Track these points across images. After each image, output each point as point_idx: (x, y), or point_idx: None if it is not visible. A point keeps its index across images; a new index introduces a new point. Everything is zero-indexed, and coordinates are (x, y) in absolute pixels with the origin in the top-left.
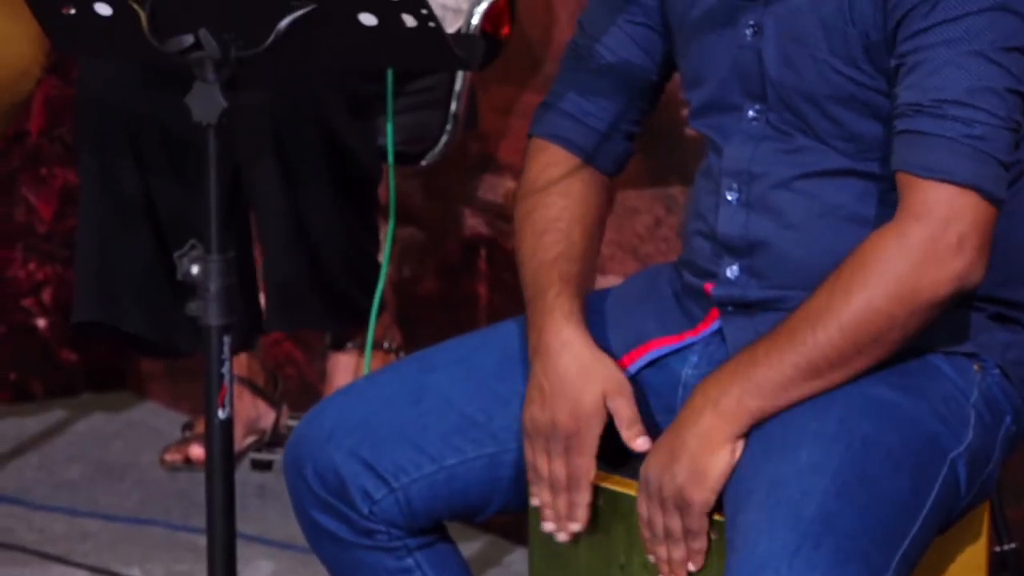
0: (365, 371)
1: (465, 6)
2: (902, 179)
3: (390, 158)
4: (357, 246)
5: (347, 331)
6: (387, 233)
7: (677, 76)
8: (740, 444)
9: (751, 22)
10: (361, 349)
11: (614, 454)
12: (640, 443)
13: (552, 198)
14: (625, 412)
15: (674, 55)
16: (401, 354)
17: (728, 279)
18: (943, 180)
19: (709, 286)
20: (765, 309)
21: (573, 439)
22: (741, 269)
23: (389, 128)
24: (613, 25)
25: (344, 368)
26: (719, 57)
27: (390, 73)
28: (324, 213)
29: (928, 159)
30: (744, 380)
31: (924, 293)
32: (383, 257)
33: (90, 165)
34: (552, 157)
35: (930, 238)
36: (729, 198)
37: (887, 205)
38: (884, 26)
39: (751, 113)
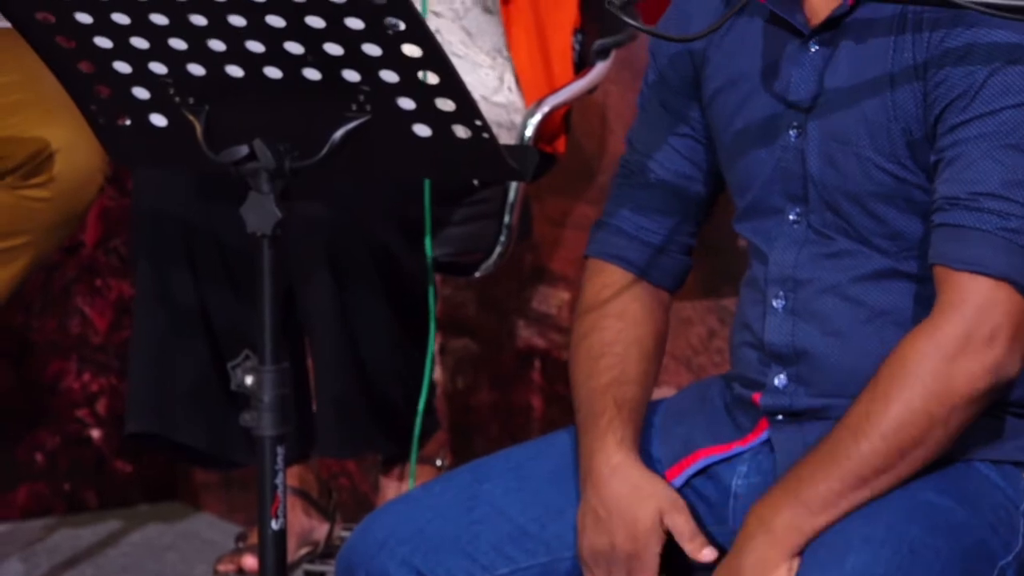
0: (410, 483)
1: (518, 120)
2: (938, 272)
3: (429, 269)
4: (411, 364)
5: (399, 452)
6: (436, 348)
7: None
8: (796, 562)
9: (794, 123)
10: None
11: (674, 572)
12: (706, 553)
13: (608, 321)
14: (684, 527)
15: (719, 165)
16: None
17: (776, 388)
18: (977, 272)
19: (757, 396)
20: (813, 418)
21: (634, 561)
22: (789, 378)
23: (427, 240)
24: (660, 140)
25: (396, 486)
26: (762, 161)
27: (427, 184)
28: (376, 328)
29: (963, 252)
30: (793, 500)
31: (960, 388)
32: (436, 372)
33: (145, 275)
34: (608, 278)
35: (964, 331)
36: (775, 305)
37: (931, 306)
38: (925, 122)
39: (792, 216)
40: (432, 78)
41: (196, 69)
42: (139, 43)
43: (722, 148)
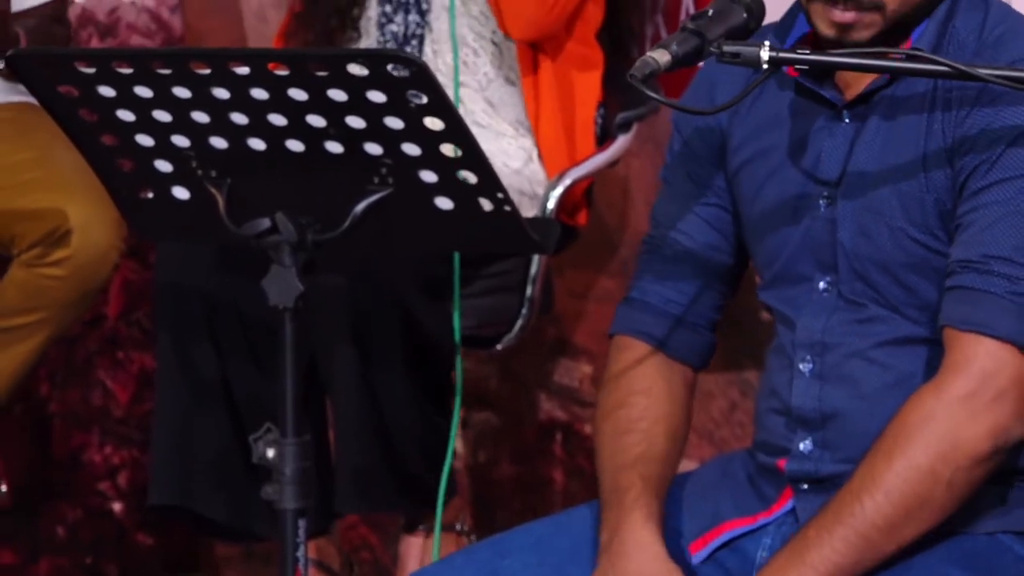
0: (434, 553)
1: (541, 191)
2: (946, 333)
3: (457, 339)
4: (432, 429)
5: (419, 513)
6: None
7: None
8: None
9: (825, 194)
10: (433, 532)
11: None
12: None
13: (635, 398)
14: None
15: (745, 237)
16: (473, 537)
17: (801, 453)
18: (982, 333)
19: (782, 462)
20: (838, 485)
21: None
22: (814, 443)
23: (456, 313)
24: (686, 210)
25: (416, 551)
26: (790, 231)
27: (456, 257)
28: (399, 397)
29: (971, 314)
30: (799, 563)
31: (965, 448)
32: (456, 442)
33: (167, 348)
34: (634, 354)
35: (968, 392)
36: (803, 369)
37: None
38: (954, 191)
39: (822, 284)
40: (454, 151)
41: (219, 142)
42: (162, 116)
43: (749, 219)
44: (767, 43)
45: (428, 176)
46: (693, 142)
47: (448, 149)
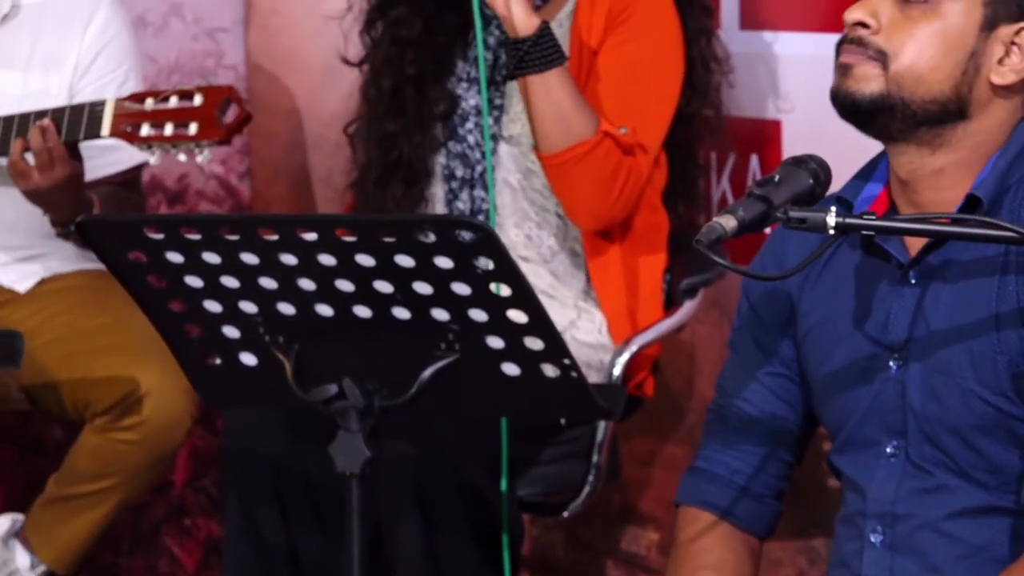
0: None
1: (607, 359)
2: None
3: (504, 503)
4: None
5: None
6: None
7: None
8: None
9: (895, 356)
10: None
11: None
12: None
13: (702, 573)
14: None
15: (813, 402)
16: None
17: None
18: None
19: None
20: None
21: None
22: None
23: (504, 464)
24: (752, 380)
25: None
26: (860, 395)
27: (504, 423)
28: (463, 566)
29: None
30: None
31: None
32: None
33: (234, 515)
34: (700, 526)
35: None
36: (873, 540)
37: None
38: None
39: (890, 449)
40: (521, 317)
41: (286, 308)
42: (230, 282)
43: (817, 383)
44: (833, 208)
45: (495, 342)
46: (761, 308)
47: (515, 315)
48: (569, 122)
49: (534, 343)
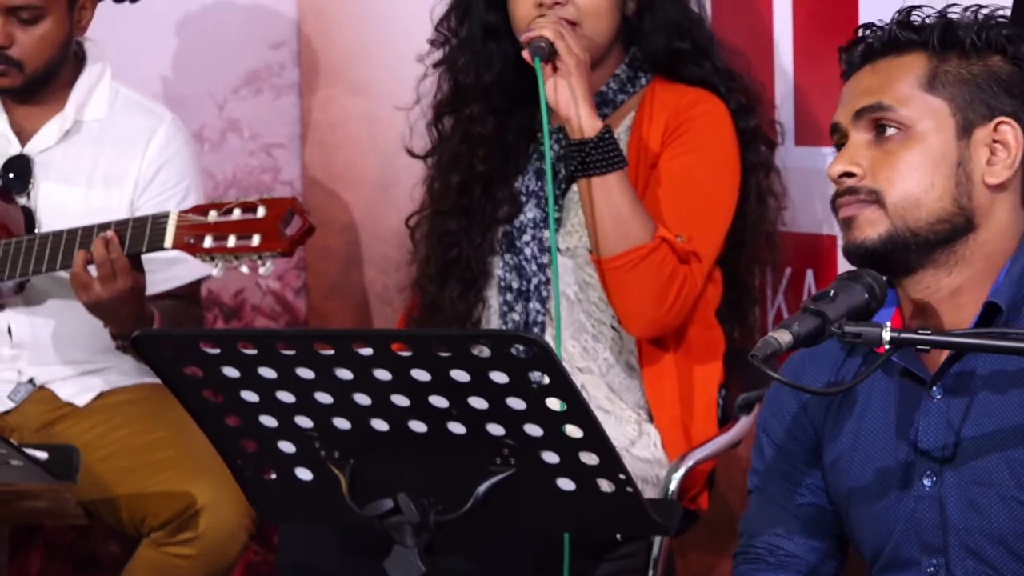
0: None
1: (662, 474)
2: None
3: None
4: None
5: None
6: None
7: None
8: None
9: (928, 472)
10: None
11: None
12: None
13: None
14: None
15: (846, 528)
16: None
17: None
18: None
19: None
20: None
21: None
22: None
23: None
24: (786, 514)
25: None
26: (894, 515)
27: (567, 538)
28: None
29: None
30: None
31: None
32: None
33: None
34: None
35: None
36: None
37: None
38: None
39: (930, 568)
40: (576, 432)
41: (342, 423)
42: (285, 397)
43: (850, 507)
44: (888, 323)
45: (550, 457)
46: (788, 445)
47: (571, 430)
48: (627, 226)
49: (589, 458)
